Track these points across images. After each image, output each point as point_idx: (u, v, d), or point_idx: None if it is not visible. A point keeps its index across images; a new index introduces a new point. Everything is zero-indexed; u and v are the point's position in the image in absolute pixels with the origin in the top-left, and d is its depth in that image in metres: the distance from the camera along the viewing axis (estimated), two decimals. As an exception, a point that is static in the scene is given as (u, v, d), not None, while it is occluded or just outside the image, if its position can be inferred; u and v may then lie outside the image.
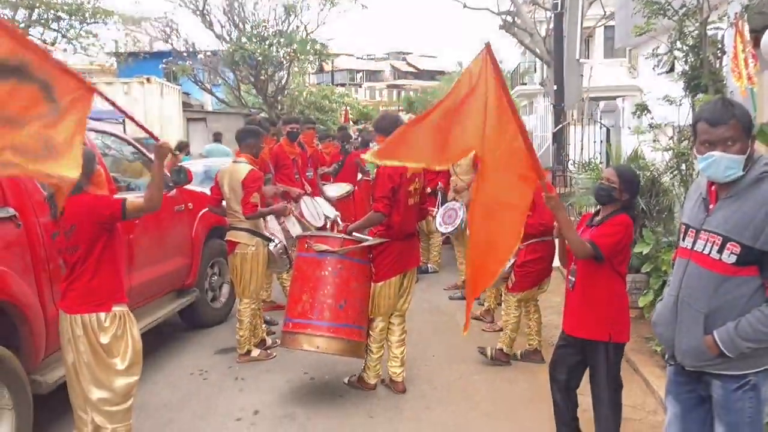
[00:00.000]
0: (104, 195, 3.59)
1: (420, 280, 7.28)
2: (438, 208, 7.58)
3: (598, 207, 3.70)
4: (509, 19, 20.12)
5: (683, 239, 2.64)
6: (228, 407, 4.68)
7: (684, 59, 5.35)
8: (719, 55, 5.25)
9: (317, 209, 6.99)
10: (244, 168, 5.36)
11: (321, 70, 30.33)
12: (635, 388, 4.74)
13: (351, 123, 29.72)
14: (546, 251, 5.12)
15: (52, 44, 24.91)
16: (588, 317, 3.52)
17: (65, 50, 24.39)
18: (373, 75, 70.52)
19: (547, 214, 4.54)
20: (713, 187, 2.54)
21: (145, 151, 5.86)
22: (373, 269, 4.68)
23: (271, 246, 5.53)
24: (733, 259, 2.41)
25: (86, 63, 26.84)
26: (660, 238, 5.31)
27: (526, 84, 32.72)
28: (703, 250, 2.50)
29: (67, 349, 3.46)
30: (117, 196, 4.67)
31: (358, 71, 68.84)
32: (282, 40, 17.56)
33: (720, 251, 2.44)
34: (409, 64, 72.42)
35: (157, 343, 5.88)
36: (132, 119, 3.64)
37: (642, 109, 5.47)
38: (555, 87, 12.68)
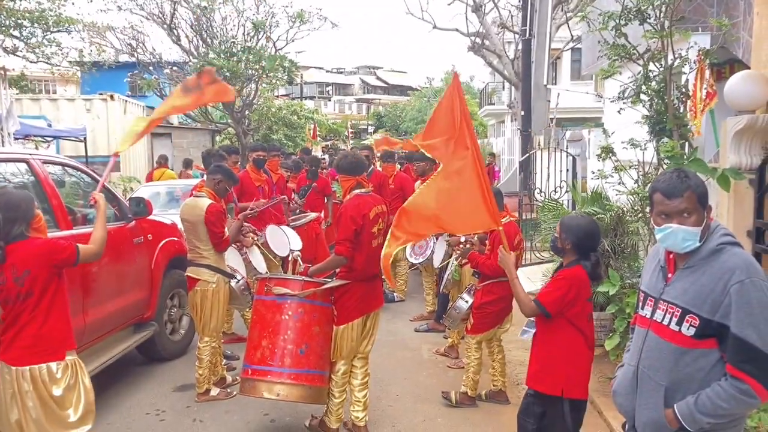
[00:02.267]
0: (56, 239, 3.51)
1: (385, 309, 7.16)
2: None
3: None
4: (478, 40, 20.26)
5: (642, 307, 2.64)
6: (184, 453, 4.54)
7: (649, 103, 5.39)
8: (684, 99, 5.30)
9: (282, 238, 6.86)
10: (203, 203, 5.19)
11: (290, 82, 30.25)
12: (599, 432, 4.72)
13: (319, 139, 29.64)
14: (503, 291, 4.92)
15: (14, 52, 24.40)
16: (543, 371, 3.53)
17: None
18: (342, 88, 70.52)
19: None
20: (671, 256, 2.54)
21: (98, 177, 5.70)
22: (335, 312, 4.58)
23: (233, 282, 5.39)
24: (692, 331, 2.39)
25: (48, 72, 26.32)
26: (625, 278, 5.31)
27: (494, 104, 33.01)
28: (662, 320, 2.50)
29: (11, 405, 3.30)
30: (70, 232, 4.59)
31: (327, 84, 68.77)
32: (251, 57, 17.32)
33: (679, 323, 2.43)
34: (379, 79, 72.69)
35: (113, 378, 5.70)
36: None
37: (607, 152, 5.50)
38: (522, 113, 12.74)
